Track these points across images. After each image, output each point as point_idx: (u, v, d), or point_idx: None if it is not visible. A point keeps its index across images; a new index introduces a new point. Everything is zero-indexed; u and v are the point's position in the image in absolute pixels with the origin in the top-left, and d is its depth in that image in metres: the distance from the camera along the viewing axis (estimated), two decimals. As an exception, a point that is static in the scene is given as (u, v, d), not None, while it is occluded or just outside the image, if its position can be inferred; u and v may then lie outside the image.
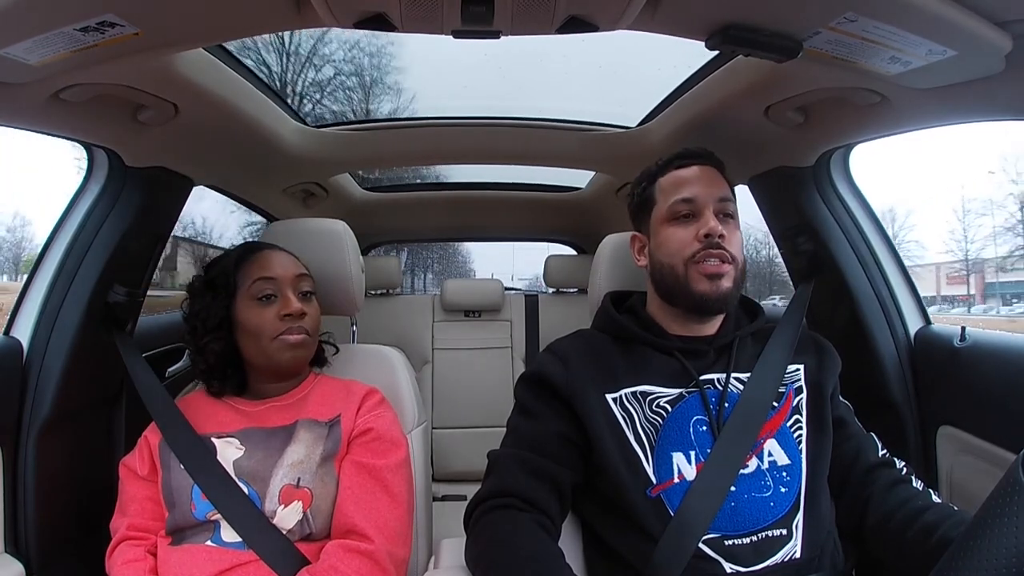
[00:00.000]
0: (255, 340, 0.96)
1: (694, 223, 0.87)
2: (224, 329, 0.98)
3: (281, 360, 0.97)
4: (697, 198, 0.87)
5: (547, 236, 2.88)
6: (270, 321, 0.95)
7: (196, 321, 0.99)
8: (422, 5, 0.70)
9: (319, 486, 0.90)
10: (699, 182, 0.89)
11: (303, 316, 0.97)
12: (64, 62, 0.77)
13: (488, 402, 2.19)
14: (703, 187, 0.88)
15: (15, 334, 1.08)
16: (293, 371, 1.01)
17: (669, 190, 0.91)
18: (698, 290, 0.85)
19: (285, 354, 0.96)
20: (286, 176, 1.67)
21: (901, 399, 1.15)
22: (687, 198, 0.88)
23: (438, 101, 1.54)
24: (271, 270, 0.98)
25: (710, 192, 0.88)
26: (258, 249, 1.02)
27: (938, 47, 0.73)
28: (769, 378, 0.85)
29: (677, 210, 0.88)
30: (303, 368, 1.03)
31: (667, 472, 0.78)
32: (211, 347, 0.98)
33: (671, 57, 1.19)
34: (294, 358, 0.98)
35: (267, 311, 0.96)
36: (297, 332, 0.96)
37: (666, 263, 0.88)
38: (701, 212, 0.87)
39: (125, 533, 0.92)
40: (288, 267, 1.00)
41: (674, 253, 0.87)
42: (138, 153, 1.12)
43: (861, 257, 1.21)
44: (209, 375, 1.00)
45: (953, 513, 0.76)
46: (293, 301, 0.97)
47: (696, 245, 0.85)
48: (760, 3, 0.72)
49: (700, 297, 0.85)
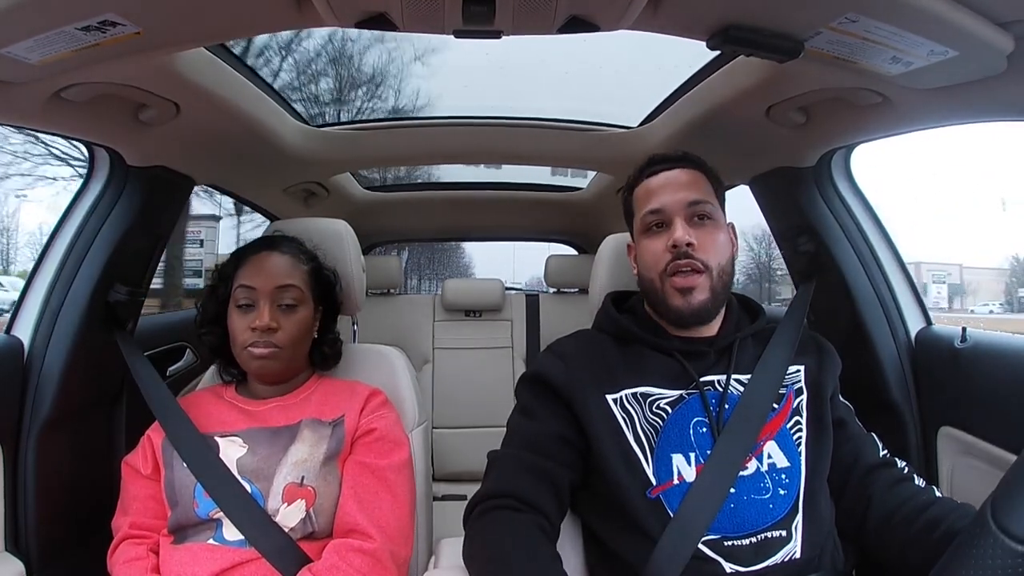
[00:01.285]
0: (232, 345, 0.98)
1: (664, 233, 0.86)
2: (218, 325, 1.01)
3: (249, 368, 0.98)
4: (664, 207, 0.86)
5: (548, 236, 2.88)
6: (243, 330, 0.96)
7: (199, 311, 1.04)
8: (423, 5, 0.70)
9: (322, 485, 0.91)
10: (667, 189, 0.88)
11: (271, 331, 0.95)
12: (65, 61, 0.77)
13: (488, 402, 2.19)
14: (670, 194, 0.87)
15: (16, 333, 1.09)
16: (266, 380, 1.01)
17: (641, 200, 0.90)
18: (673, 305, 0.84)
19: (252, 363, 0.96)
20: (287, 176, 1.67)
21: (902, 399, 1.15)
22: (654, 209, 0.87)
23: (439, 101, 1.54)
24: (252, 279, 0.97)
25: (678, 198, 0.86)
26: (256, 251, 1.01)
27: (939, 47, 0.73)
28: (769, 380, 0.84)
29: (648, 222, 0.88)
30: (279, 377, 1.01)
31: (667, 473, 0.78)
32: (206, 340, 1.04)
33: (672, 57, 1.19)
34: (261, 367, 0.97)
35: (243, 319, 0.96)
36: (264, 346, 0.94)
37: (645, 276, 0.88)
38: (671, 221, 0.86)
39: (127, 532, 0.92)
40: (272, 277, 0.97)
41: (650, 266, 0.87)
42: (139, 152, 1.12)
43: (862, 257, 1.21)
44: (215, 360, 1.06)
45: (957, 506, 0.76)
46: (265, 315, 0.95)
47: (667, 256, 0.84)
48: (761, 3, 0.71)
49: (675, 312, 0.85)
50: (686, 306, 0.84)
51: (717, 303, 0.86)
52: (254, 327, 0.95)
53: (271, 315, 0.95)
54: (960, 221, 9.82)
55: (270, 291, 0.97)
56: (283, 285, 0.98)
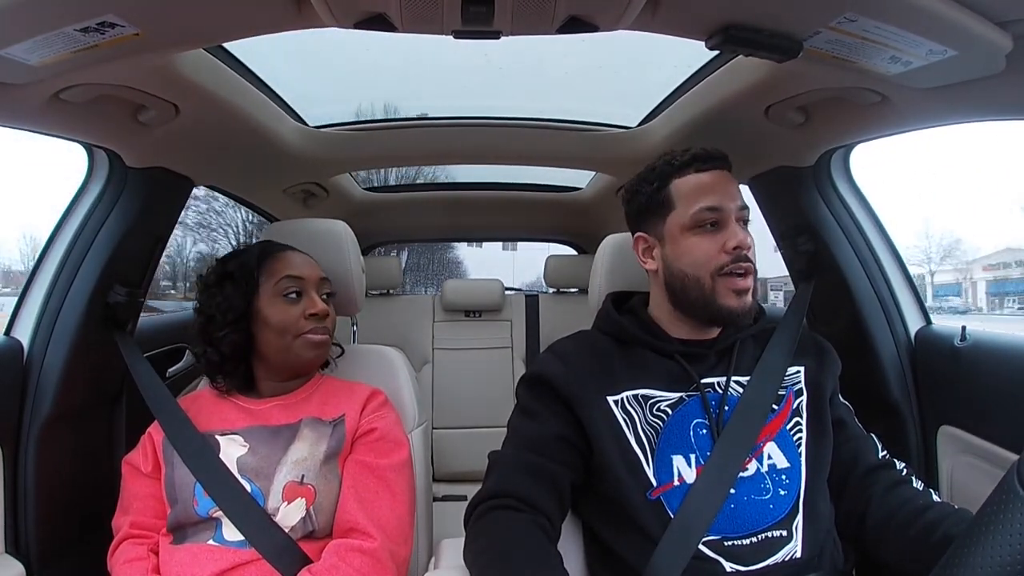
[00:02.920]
0: (279, 336, 0.97)
1: (719, 233, 0.84)
2: (244, 322, 0.98)
3: (304, 357, 0.99)
4: (723, 207, 0.84)
5: (547, 236, 2.88)
6: (295, 319, 0.97)
7: (215, 312, 0.97)
8: (422, 5, 0.70)
9: (322, 484, 0.91)
10: (722, 190, 0.86)
11: (327, 317, 1.00)
12: (64, 63, 0.77)
13: (488, 402, 2.19)
14: (727, 195, 0.85)
15: (16, 334, 1.09)
16: (310, 369, 1.03)
17: (690, 196, 0.86)
18: (726, 305, 0.83)
19: (309, 352, 0.98)
20: (286, 176, 1.67)
21: (901, 399, 1.15)
22: (713, 207, 0.84)
23: (438, 101, 1.54)
24: (299, 269, 1.00)
25: (733, 201, 0.85)
26: (281, 249, 1.03)
27: (938, 47, 0.73)
28: (768, 381, 0.85)
29: (702, 219, 0.84)
30: (318, 367, 1.05)
31: (667, 475, 0.78)
32: (228, 339, 0.96)
33: (671, 57, 1.19)
34: (316, 356, 1.01)
35: (293, 309, 0.98)
36: (321, 332, 0.99)
37: (690, 274, 0.85)
38: (726, 222, 0.84)
39: (128, 531, 0.92)
40: (314, 268, 1.03)
41: (700, 264, 0.84)
42: (138, 153, 1.12)
43: (861, 257, 1.21)
44: (219, 368, 0.99)
45: (954, 511, 0.76)
46: (319, 302, 1.00)
47: (724, 258, 0.83)
48: (760, 3, 0.72)
49: (728, 312, 0.83)
50: (741, 307, 0.83)
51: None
52: (311, 313, 0.98)
53: (322, 302, 1.00)
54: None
55: (316, 281, 1.02)
56: (324, 277, 1.04)
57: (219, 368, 0.99)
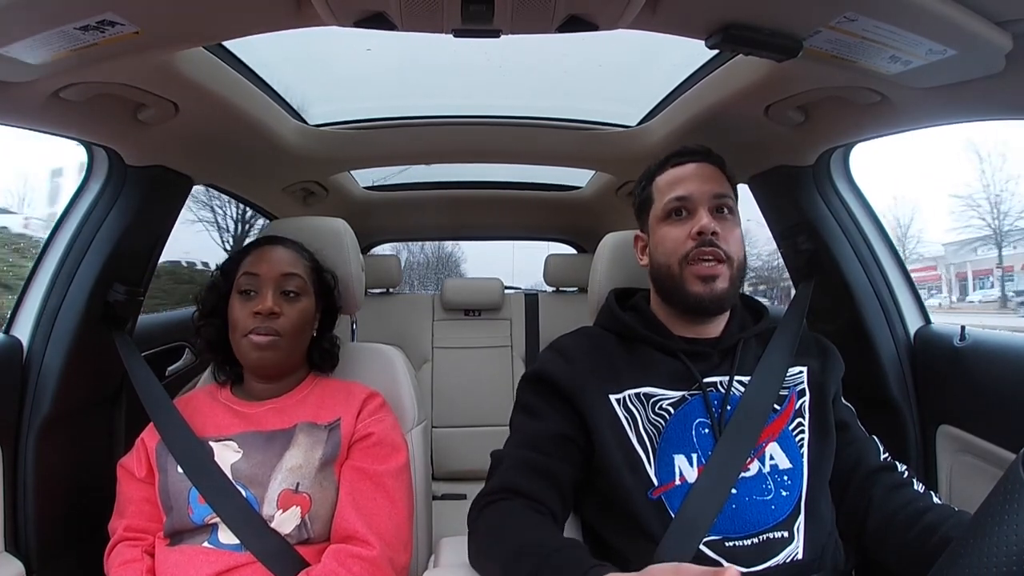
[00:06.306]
0: (232, 334, 0.97)
1: (688, 221, 0.86)
2: (217, 317, 1.00)
3: (248, 359, 0.96)
4: (691, 195, 0.87)
5: (547, 235, 2.88)
6: (244, 317, 0.95)
7: (198, 303, 1.03)
8: (422, 4, 0.70)
9: (318, 491, 0.90)
10: (694, 179, 0.88)
11: (274, 316, 0.95)
12: (64, 61, 0.77)
13: (488, 401, 2.19)
14: (697, 184, 0.88)
15: (15, 333, 1.08)
16: (264, 372, 0.99)
17: (665, 188, 0.90)
18: (693, 291, 0.84)
19: (252, 353, 0.94)
20: (286, 175, 1.67)
21: (901, 398, 1.15)
22: (681, 196, 0.87)
23: (438, 100, 1.54)
24: (257, 266, 0.98)
25: (704, 189, 0.87)
26: (261, 244, 1.02)
27: (938, 46, 0.73)
28: (769, 381, 0.84)
29: (671, 208, 0.88)
30: (277, 371, 0.99)
31: (668, 474, 0.78)
32: (203, 331, 1.02)
33: (671, 56, 1.19)
34: (260, 359, 0.95)
35: (245, 306, 0.96)
36: (265, 333, 0.94)
37: (662, 263, 0.88)
38: (695, 210, 0.86)
39: (123, 534, 0.92)
40: (276, 265, 0.98)
41: (669, 252, 0.87)
42: (138, 152, 1.12)
43: (861, 256, 1.21)
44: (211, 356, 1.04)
45: (954, 513, 0.76)
46: (267, 299, 0.94)
47: (690, 244, 0.85)
48: (760, 2, 0.71)
49: (695, 299, 0.84)
50: (708, 293, 0.84)
51: (733, 295, 0.87)
52: (257, 311, 0.94)
53: (274, 300, 0.95)
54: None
55: (274, 277, 0.97)
56: (287, 273, 0.98)
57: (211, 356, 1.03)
